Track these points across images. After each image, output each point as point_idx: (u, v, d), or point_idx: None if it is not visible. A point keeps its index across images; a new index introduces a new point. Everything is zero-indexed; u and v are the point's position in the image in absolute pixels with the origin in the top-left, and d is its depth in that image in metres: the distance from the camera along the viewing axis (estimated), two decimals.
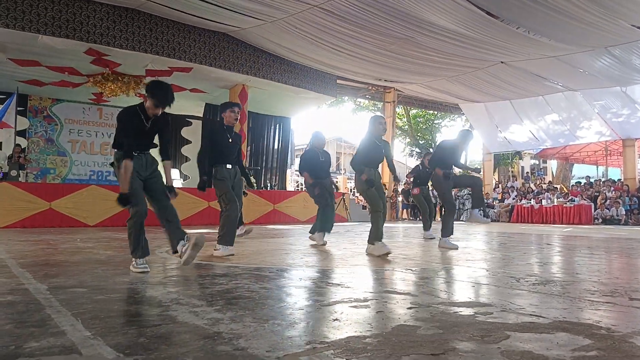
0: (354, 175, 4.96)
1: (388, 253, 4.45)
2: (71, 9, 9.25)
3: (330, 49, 11.57)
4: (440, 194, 6.07)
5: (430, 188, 7.62)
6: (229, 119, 4.54)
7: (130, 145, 3.29)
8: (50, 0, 9.03)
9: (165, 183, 3.53)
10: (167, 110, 3.58)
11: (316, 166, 5.97)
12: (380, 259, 4.30)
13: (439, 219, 9.07)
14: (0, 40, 9.08)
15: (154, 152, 3.56)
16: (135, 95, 11.90)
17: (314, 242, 5.76)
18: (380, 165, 5.06)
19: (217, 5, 9.45)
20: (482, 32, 10.03)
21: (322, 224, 5.83)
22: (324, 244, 5.68)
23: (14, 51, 9.76)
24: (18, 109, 10.53)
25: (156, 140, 3.56)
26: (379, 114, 16.42)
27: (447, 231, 5.58)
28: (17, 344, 1.58)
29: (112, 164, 3.45)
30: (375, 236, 4.63)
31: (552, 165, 28.72)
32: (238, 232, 5.56)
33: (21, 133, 12.33)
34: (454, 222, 5.79)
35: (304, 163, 6.11)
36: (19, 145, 10.96)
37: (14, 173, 9.57)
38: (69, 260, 3.95)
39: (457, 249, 5.41)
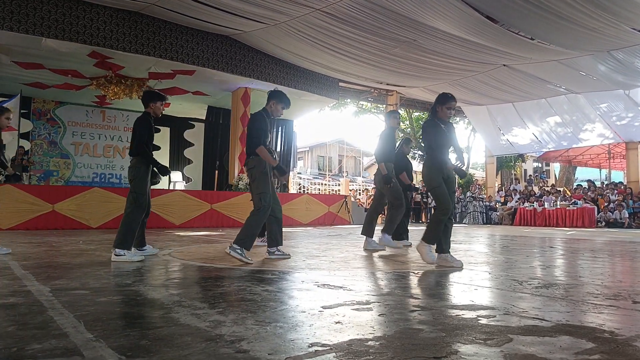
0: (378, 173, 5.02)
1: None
2: (75, 12, 9.29)
3: (332, 52, 11.59)
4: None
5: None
6: (158, 111, 4.32)
7: None
8: (54, 3, 9.08)
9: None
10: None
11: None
12: (382, 261, 4.29)
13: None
14: (4, 43, 9.13)
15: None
16: (138, 98, 11.93)
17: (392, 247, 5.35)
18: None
19: (220, 9, 9.48)
20: (484, 36, 10.03)
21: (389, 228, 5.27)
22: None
23: (18, 54, 9.82)
24: (22, 111, 10.57)
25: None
26: (394, 109, 16.26)
27: (391, 228, 5.24)
28: (19, 346, 1.58)
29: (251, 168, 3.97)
30: (390, 230, 4.91)
31: (555, 168, 28.68)
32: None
33: (24, 135, 12.38)
34: (454, 225, 5.62)
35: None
36: (22, 147, 11.01)
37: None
38: (71, 262, 3.96)
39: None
